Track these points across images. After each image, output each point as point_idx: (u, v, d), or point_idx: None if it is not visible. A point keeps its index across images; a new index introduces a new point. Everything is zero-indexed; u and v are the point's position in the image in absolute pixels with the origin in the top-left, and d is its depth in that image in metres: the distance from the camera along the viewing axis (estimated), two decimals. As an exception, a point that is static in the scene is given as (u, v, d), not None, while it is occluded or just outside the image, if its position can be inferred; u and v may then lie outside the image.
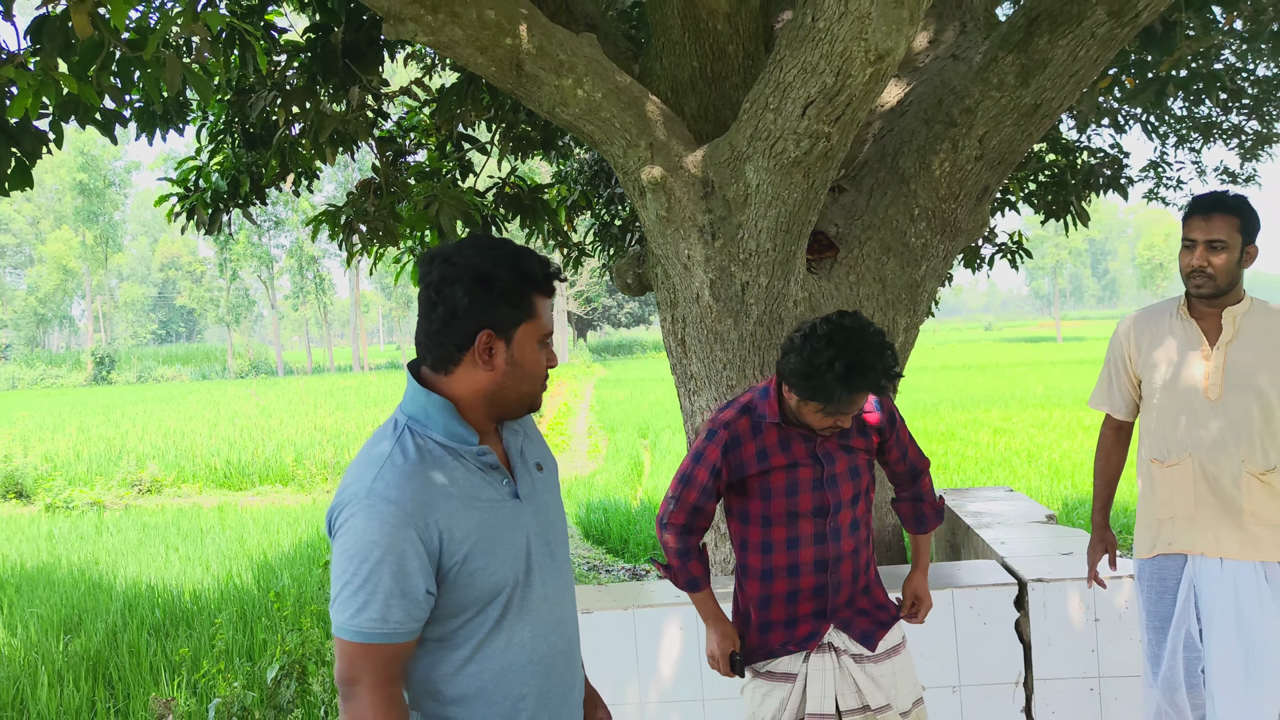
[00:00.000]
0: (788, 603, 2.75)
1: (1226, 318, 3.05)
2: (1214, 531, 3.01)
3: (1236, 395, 3.00)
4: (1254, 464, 2.99)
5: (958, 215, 4.72)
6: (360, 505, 1.73)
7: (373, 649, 1.72)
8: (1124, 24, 4.24)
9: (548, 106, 4.13)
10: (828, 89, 3.70)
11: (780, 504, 2.69)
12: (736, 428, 2.71)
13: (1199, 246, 3.02)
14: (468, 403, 1.85)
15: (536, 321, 1.86)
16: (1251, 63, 8.72)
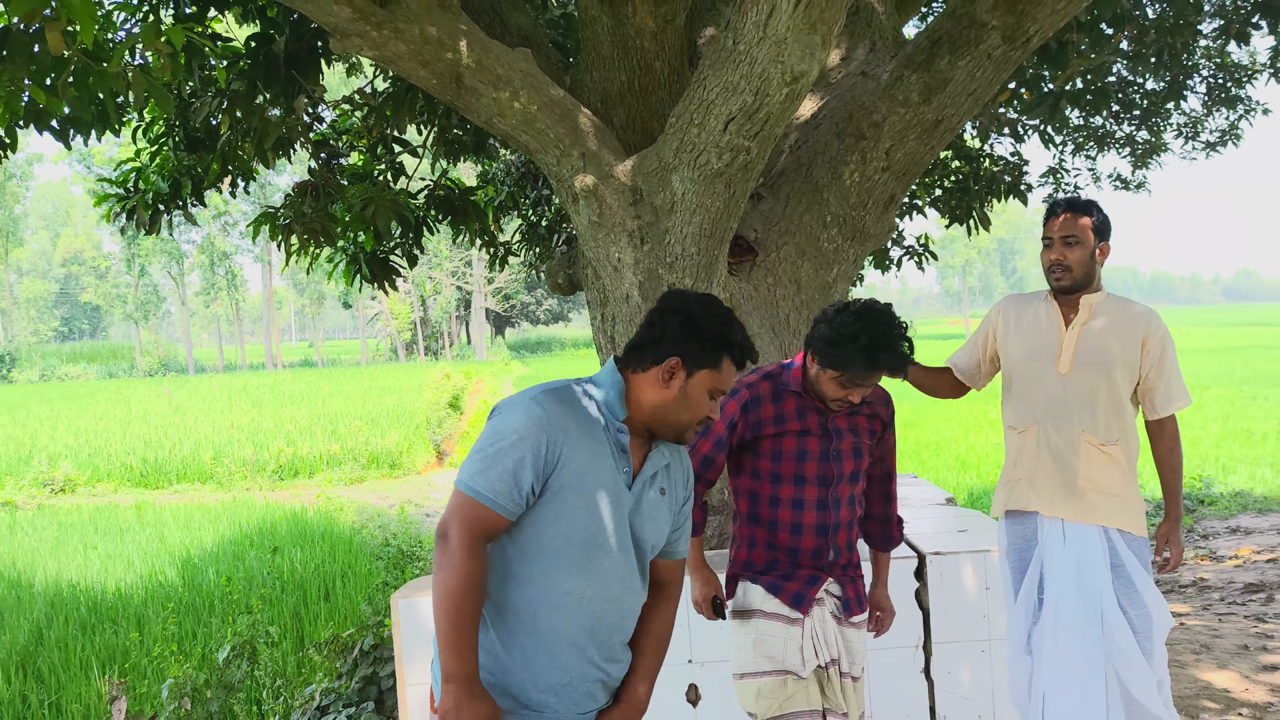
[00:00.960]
0: (789, 555, 2.96)
1: (1084, 302, 3.36)
2: (1051, 494, 3.32)
3: (1084, 371, 3.29)
4: (1095, 434, 3.28)
5: (866, 222, 5.08)
6: (522, 400, 2.13)
7: (473, 504, 2.05)
8: (1017, 47, 4.62)
9: (485, 117, 4.38)
10: (747, 107, 4.00)
11: (790, 466, 2.92)
12: (758, 389, 2.97)
13: (1056, 243, 3.34)
14: (636, 402, 2.23)
15: (718, 374, 2.23)
16: (1141, 77, 9.27)
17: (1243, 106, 9.56)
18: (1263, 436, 16.42)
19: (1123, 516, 3.29)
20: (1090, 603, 3.22)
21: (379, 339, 67.41)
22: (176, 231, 58.87)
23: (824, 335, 2.81)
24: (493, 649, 2.15)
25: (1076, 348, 3.32)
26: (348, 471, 17.05)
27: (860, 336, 2.75)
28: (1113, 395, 3.29)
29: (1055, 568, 3.29)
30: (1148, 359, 3.31)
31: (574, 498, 2.12)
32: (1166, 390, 3.34)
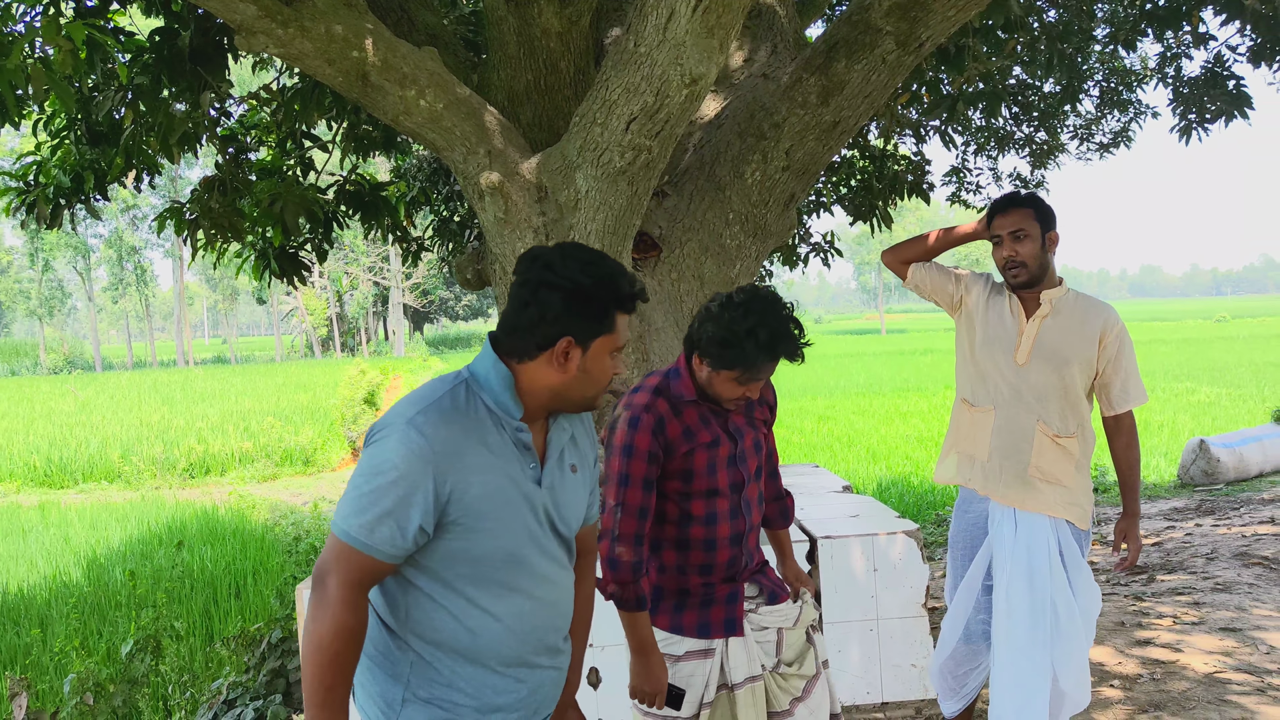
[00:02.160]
0: (701, 573, 2.70)
1: (1045, 297, 3.40)
2: (1002, 480, 3.35)
3: (1040, 364, 3.34)
4: (1050, 426, 3.32)
5: (768, 219, 5.23)
6: (396, 428, 1.86)
7: (350, 552, 1.84)
8: (910, 52, 4.79)
9: (392, 115, 4.43)
10: (648, 107, 4.12)
11: (702, 482, 2.64)
12: (657, 409, 2.62)
13: (1005, 240, 3.38)
14: (531, 391, 1.99)
15: (614, 336, 2.00)
16: (1038, 81, 9.59)
17: (1133, 109, 9.94)
18: (1159, 427, 17.06)
19: (1070, 509, 3.34)
20: (1040, 593, 3.25)
21: (294, 335, 66.35)
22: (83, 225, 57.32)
23: (714, 336, 2.56)
24: (439, 687, 1.97)
25: (1035, 341, 3.37)
26: (260, 469, 16.83)
27: (757, 331, 2.53)
28: (1068, 389, 3.35)
29: (1006, 557, 3.31)
30: (1104, 355, 3.36)
31: (482, 522, 1.92)
32: (1123, 386, 3.40)
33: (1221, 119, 7.96)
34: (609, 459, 2.63)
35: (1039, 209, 3.41)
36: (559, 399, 2.02)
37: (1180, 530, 8.29)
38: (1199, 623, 5.18)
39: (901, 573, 3.93)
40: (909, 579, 3.93)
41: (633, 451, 2.58)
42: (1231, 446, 11.01)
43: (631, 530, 2.57)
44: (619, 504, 2.58)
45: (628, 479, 2.58)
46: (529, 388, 2.00)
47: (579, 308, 1.95)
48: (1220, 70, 7.97)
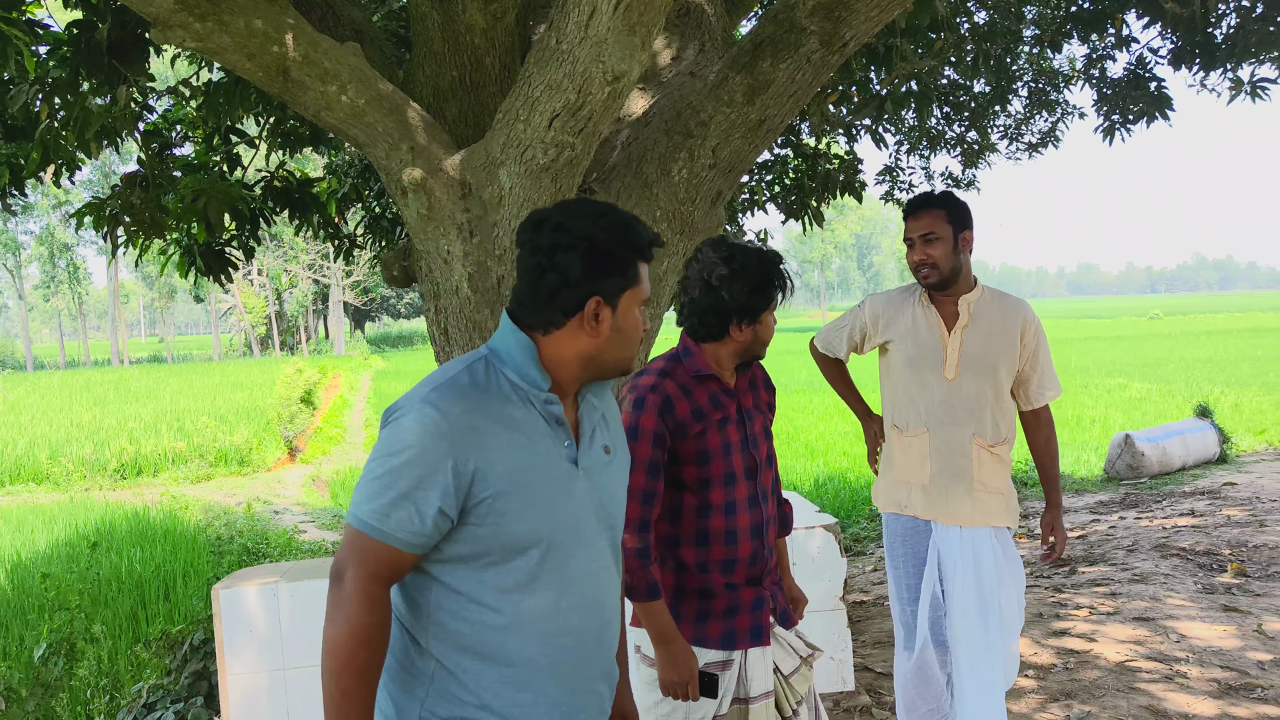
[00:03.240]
0: (724, 571, 2.60)
1: (962, 305, 3.34)
2: (947, 500, 3.29)
3: (971, 375, 3.28)
4: (984, 437, 3.28)
5: (694, 217, 5.25)
6: (412, 406, 1.72)
7: (367, 541, 1.70)
8: (834, 51, 4.84)
9: (313, 111, 4.40)
10: (571, 104, 4.13)
11: (719, 465, 2.57)
12: (664, 389, 2.56)
13: (917, 243, 3.35)
14: (560, 361, 1.85)
15: (640, 287, 1.88)
16: (968, 81, 9.73)
17: (1061, 110, 10.13)
18: (1091, 422, 17.38)
19: (1006, 513, 3.34)
20: (989, 601, 3.24)
21: (233, 334, 65.41)
22: (13, 222, 56.04)
23: (748, 286, 2.57)
24: (463, 706, 1.77)
25: (961, 353, 3.31)
26: (194, 469, 16.58)
27: (767, 258, 2.61)
28: (999, 396, 3.33)
29: (955, 569, 3.28)
30: (1025, 352, 3.35)
31: (513, 504, 1.74)
32: (1041, 381, 3.40)
33: (1143, 120, 8.13)
34: None
35: (951, 209, 3.37)
36: (594, 365, 1.89)
37: (1104, 523, 8.47)
38: (1114, 613, 5.31)
39: (820, 566, 3.97)
40: (827, 572, 3.97)
41: (638, 433, 2.51)
42: (1155, 441, 11.27)
43: (636, 515, 2.49)
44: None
45: (633, 463, 2.51)
46: (557, 358, 1.85)
47: (602, 264, 1.82)
48: (1142, 72, 8.15)
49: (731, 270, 2.57)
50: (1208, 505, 8.87)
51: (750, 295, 2.57)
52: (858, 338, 3.61)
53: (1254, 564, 6.45)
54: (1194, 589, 5.77)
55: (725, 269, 2.57)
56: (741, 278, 2.56)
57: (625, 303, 1.87)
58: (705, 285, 2.60)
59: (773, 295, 2.62)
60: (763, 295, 2.59)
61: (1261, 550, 6.76)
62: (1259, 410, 17.57)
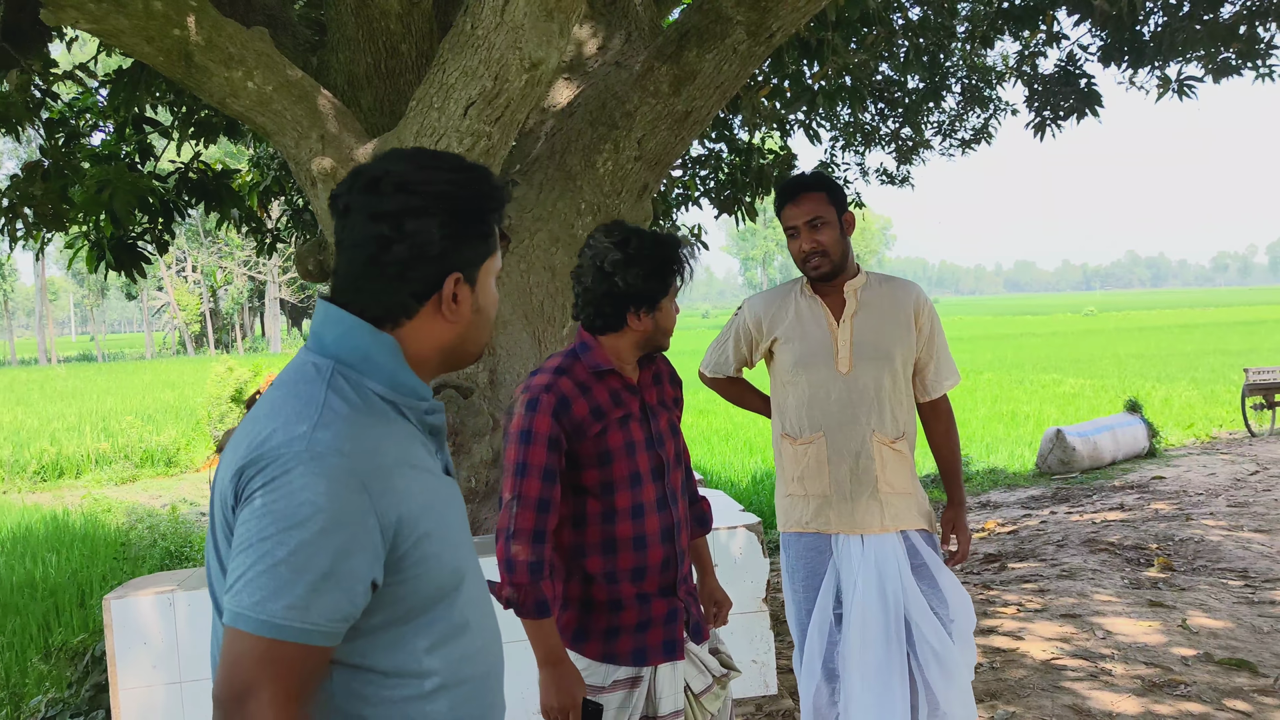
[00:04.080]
0: (634, 580, 2.43)
1: (848, 291, 3.07)
2: (852, 509, 3.01)
3: (866, 366, 3.02)
4: (885, 432, 3.01)
5: (621, 210, 5.14)
6: (299, 458, 1.28)
7: (282, 650, 1.26)
8: (761, 42, 4.76)
9: (218, 97, 4.21)
10: (487, 92, 3.99)
11: (623, 466, 2.40)
12: (560, 388, 2.37)
13: (802, 230, 3.04)
14: (423, 360, 1.49)
15: (497, 255, 1.54)
16: (901, 76, 9.73)
17: (993, 106, 10.17)
18: (1025, 417, 17.55)
19: (917, 515, 3.08)
20: (894, 615, 2.96)
21: (166, 332, 64.17)
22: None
23: (644, 271, 2.39)
24: None
25: (853, 342, 3.05)
26: (119, 470, 16.12)
27: (664, 242, 2.45)
28: (896, 386, 3.07)
29: (854, 582, 3.00)
30: (921, 337, 3.11)
31: (434, 544, 1.41)
32: (938, 369, 3.17)
33: (1073, 116, 8.17)
34: (506, 448, 2.38)
35: (832, 190, 3.10)
36: (452, 358, 1.52)
37: (1035, 518, 8.50)
38: (1042, 610, 5.28)
39: (742, 567, 3.88)
40: (749, 574, 3.88)
41: (531, 437, 2.32)
42: (1086, 435, 11.37)
43: (529, 525, 2.30)
44: (515, 496, 2.31)
45: (525, 468, 2.31)
46: (418, 356, 1.47)
47: (461, 230, 1.43)
48: (1072, 69, 8.18)
49: (626, 255, 2.40)
50: (1136, 499, 8.95)
51: (647, 280, 2.40)
52: (745, 348, 3.31)
53: (1179, 558, 6.49)
54: (1121, 584, 5.77)
55: (619, 254, 2.40)
56: (637, 262, 2.39)
57: (484, 276, 1.50)
58: (598, 272, 2.42)
59: (671, 280, 2.46)
60: (660, 280, 2.43)
61: (1187, 544, 6.81)
62: (1187, 405, 17.87)
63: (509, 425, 2.40)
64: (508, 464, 2.36)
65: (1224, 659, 4.43)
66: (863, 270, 3.17)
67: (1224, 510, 8.12)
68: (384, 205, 1.40)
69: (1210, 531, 7.19)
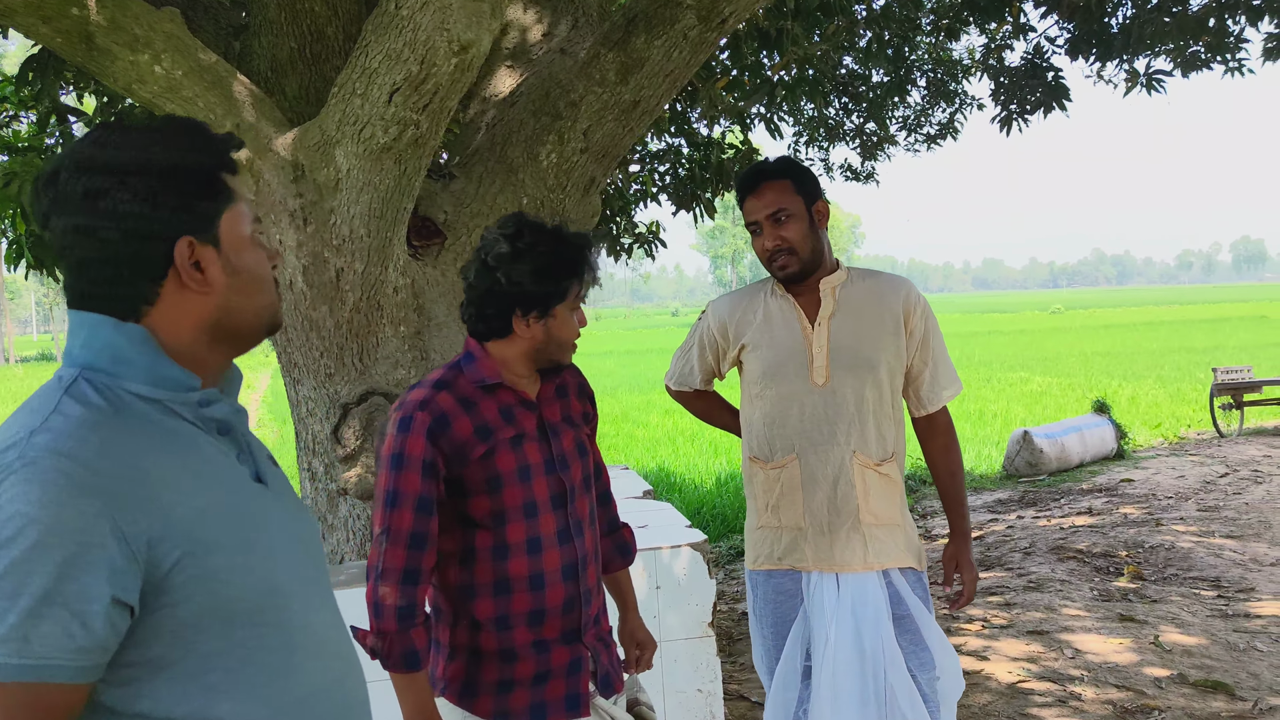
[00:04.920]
0: (531, 625, 2.12)
1: (824, 290, 2.71)
2: (831, 544, 2.64)
3: (846, 376, 2.65)
4: (868, 453, 2.65)
5: (566, 205, 4.86)
6: (9, 468, 1.10)
7: (8, 694, 1.06)
8: (712, 28, 4.50)
9: (124, 83, 3.91)
10: (413, 77, 3.71)
11: (516, 493, 2.08)
12: (438, 405, 2.06)
13: (765, 226, 2.68)
14: (183, 345, 1.29)
15: (240, 206, 1.34)
16: (868, 70, 9.52)
17: (959, 101, 9.98)
18: (993, 416, 17.41)
19: (904, 551, 2.68)
20: (872, 670, 2.58)
21: (129, 330, 63.33)
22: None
23: (535, 268, 2.07)
24: None
25: (830, 348, 2.66)
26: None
27: (564, 238, 2.12)
28: (882, 399, 2.68)
29: (827, 628, 2.62)
30: (912, 341, 2.72)
31: (223, 556, 1.21)
32: (934, 376, 2.77)
33: (1040, 110, 7.97)
34: (378, 475, 2.10)
35: (798, 177, 2.72)
36: (227, 331, 1.32)
37: (1002, 523, 8.30)
38: (1008, 626, 5.05)
39: (686, 590, 3.61)
40: (694, 596, 3.61)
41: (403, 461, 2.02)
42: (1054, 437, 11.20)
43: (399, 565, 2.00)
44: (385, 530, 2.02)
45: (396, 497, 2.02)
46: (174, 341, 1.28)
47: (172, 190, 1.25)
48: (1039, 61, 7.98)
49: (514, 249, 2.07)
50: (1105, 503, 8.77)
51: (536, 281, 2.07)
52: (711, 357, 2.94)
53: (1150, 565, 6.29)
54: (1090, 596, 5.55)
55: (506, 247, 2.07)
56: (526, 258, 2.06)
57: (229, 231, 1.30)
58: (481, 268, 2.10)
59: (567, 283, 2.11)
60: (552, 282, 2.09)
61: (1158, 551, 6.61)
62: (1154, 403, 17.80)
63: (380, 448, 2.12)
64: (377, 492, 2.06)
65: (1199, 680, 4.21)
66: (843, 265, 2.79)
67: (1194, 515, 7.95)
68: (68, 191, 1.22)
69: (1181, 538, 7.00)
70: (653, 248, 8.43)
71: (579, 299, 2.17)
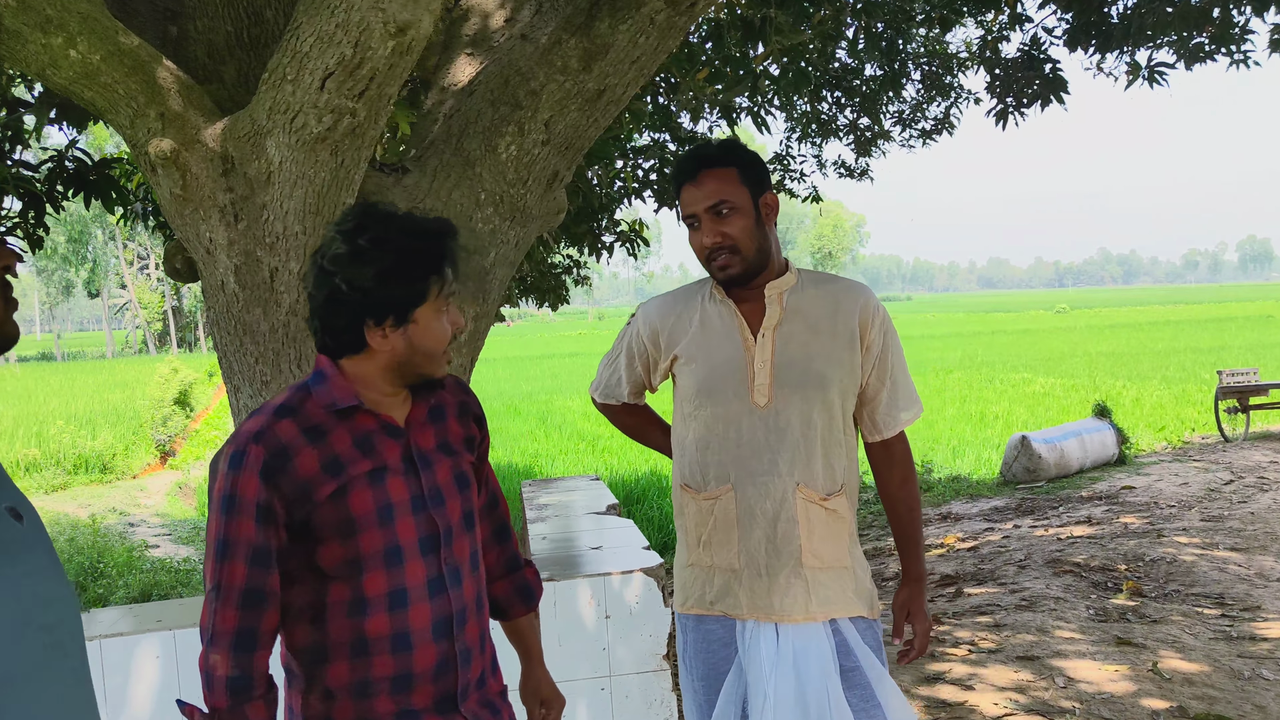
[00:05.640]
0: (395, 692, 1.80)
1: (770, 294, 2.38)
2: (768, 588, 2.31)
3: (791, 396, 2.32)
4: (814, 485, 2.32)
5: (527, 201, 4.59)
6: None
7: None
8: (681, 12, 4.23)
9: (36, 68, 3.62)
10: (347, 61, 3.43)
11: (374, 538, 1.76)
12: (276, 436, 1.74)
13: (704, 220, 2.34)
14: None
15: None
16: (861, 63, 9.23)
17: (954, 94, 9.71)
18: (994, 418, 17.12)
19: (853, 597, 2.36)
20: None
21: (128, 331, 63.16)
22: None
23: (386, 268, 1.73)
24: None
25: (774, 363, 2.33)
26: (49, 478, 15.40)
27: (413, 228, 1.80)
28: (832, 423, 2.35)
29: (765, 683, 2.29)
30: (869, 356, 2.38)
31: None
32: (892, 397, 2.43)
33: (1038, 103, 7.68)
34: (208, 520, 1.79)
35: (744, 165, 2.37)
36: None
37: (998, 532, 7.99)
38: (996, 650, 4.74)
39: (639, 619, 3.31)
40: (648, 626, 3.31)
41: (234, 505, 1.71)
42: (1053, 442, 10.87)
43: (231, 627, 1.71)
44: (215, 586, 1.72)
45: (227, 547, 1.71)
46: None
47: None
48: (1036, 53, 7.68)
49: (352, 249, 1.73)
50: (1105, 512, 8.45)
51: (383, 284, 1.73)
52: (640, 367, 2.59)
53: (1150, 580, 5.98)
54: (1086, 616, 5.24)
55: (342, 246, 1.73)
56: (367, 259, 1.72)
57: None
58: (318, 272, 1.76)
59: (423, 284, 1.77)
60: (403, 283, 1.74)
61: (1159, 565, 6.30)
62: (1158, 405, 17.48)
63: (211, 488, 1.79)
64: (208, 541, 1.75)
65: (1200, 714, 3.91)
66: (793, 267, 2.46)
67: (1197, 525, 7.63)
68: None
69: (1183, 550, 6.69)
70: (635, 246, 8.15)
71: (445, 298, 1.82)
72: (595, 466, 13.29)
